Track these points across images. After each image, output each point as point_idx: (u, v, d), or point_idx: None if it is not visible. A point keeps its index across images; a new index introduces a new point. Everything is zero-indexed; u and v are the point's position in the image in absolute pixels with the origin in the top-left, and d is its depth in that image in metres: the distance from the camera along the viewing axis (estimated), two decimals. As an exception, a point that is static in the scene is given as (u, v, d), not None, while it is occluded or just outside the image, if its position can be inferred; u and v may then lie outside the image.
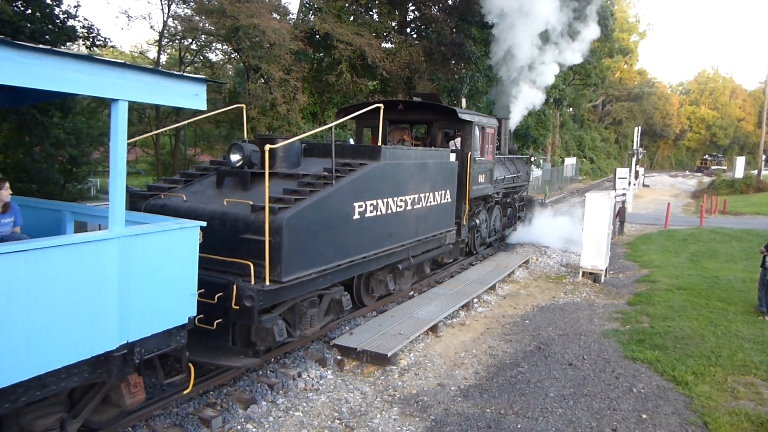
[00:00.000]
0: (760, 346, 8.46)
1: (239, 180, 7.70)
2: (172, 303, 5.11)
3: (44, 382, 4.17)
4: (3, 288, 3.77)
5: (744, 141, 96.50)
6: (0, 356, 3.82)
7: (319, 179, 7.51)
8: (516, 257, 14.78)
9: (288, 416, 6.23)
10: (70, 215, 6.09)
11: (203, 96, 5.05)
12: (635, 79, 78.45)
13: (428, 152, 10.22)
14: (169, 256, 5.02)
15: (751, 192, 40.54)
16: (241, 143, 7.88)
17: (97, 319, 4.44)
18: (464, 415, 6.36)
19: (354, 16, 23.63)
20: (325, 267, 7.32)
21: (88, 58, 4.12)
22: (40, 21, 13.97)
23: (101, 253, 4.39)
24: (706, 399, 6.76)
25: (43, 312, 4.07)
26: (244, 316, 6.37)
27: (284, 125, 18.58)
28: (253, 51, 18.72)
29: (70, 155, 15.68)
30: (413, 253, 9.83)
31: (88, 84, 4.14)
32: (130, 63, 4.57)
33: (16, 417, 4.42)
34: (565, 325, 9.69)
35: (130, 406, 5.15)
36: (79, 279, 4.27)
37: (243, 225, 6.68)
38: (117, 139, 4.49)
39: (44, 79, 3.86)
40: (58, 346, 4.19)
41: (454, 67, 25.68)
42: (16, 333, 3.90)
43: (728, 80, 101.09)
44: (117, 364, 4.67)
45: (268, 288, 6.35)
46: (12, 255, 3.82)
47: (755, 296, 10.52)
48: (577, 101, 50.09)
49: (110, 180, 4.54)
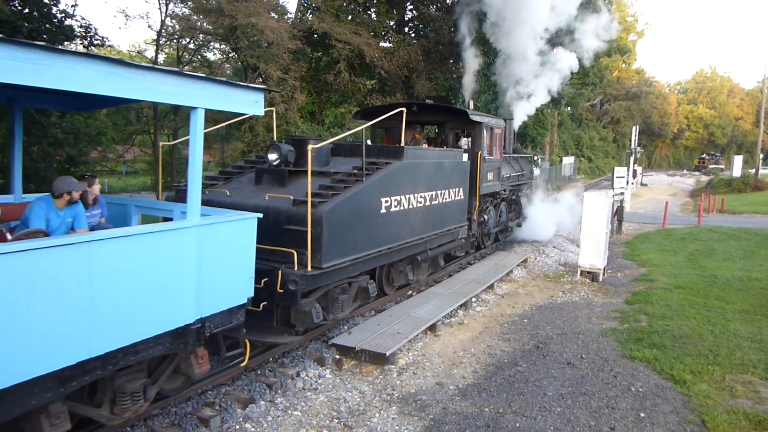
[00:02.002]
0: (758, 344, 8.47)
1: (276, 177, 8.46)
2: (234, 284, 5.84)
3: (137, 349, 4.84)
4: (112, 266, 4.48)
5: (742, 140, 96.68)
6: (106, 325, 4.48)
7: (350, 176, 8.28)
8: (514, 256, 14.79)
9: (286, 416, 6.23)
10: (134, 209, 6.93)
11: (261, 103, 5.77)
12: (633, 78, 78.50)
13: (444, 152, 11.03)
14: (233, 242, 5.75)
15: (748, 191, 40.59)
16: (278, 144, 8.59)
17: (180, 296, 5.16)
18: (463, 414, 6.37)
19: (352, 16, 23.62)
20: (356, 256, 8.09)
21: (177, 73, 4.84)
22: (38, 20, 13.93)
23: (183, 239, 5.09)
24: (704, 398, 6.76)
25: (141, 288, 4.75)
26: (288, 299, 7.12)
27: (282, 124, 18.56)
28: (251, 50, 18.70)
29: (68, 154, 15.66)
30: (430, 246, 10.56)
31: (175, 94, 4.86)
32: (208, 76, 5.23)
33: (111, 380, 5.03)
34: (563, 324, 9.70)
35: (198, 375, 5.83)
36: (167, 260, 4.97)
37: (285, 217, 7.46)
38: (196, 141, 5.22)
39: (146, 91, 4.58)
40: (151, 318, 4.89)
41: (452, 66, 25.69)
42: (119, 305, 4.57)
43: (726, 79, 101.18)
44: (192, 337, 5.37)
45: (309, 273, 7.16)
46: (119, 239, 4.54)
47: (753, 295, 10.55)
48: (575, 100, 50.14)
49: (189, 177, 5.23)
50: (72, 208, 5.64)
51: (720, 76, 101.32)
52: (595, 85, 45.37)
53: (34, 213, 5.33)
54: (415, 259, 10.34)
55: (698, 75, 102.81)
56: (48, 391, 4.19)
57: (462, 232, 11.98)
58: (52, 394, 4.23)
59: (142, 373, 5.36)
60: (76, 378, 4.41)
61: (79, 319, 4.29)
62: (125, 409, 5.13)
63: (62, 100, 6.40)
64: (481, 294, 11.30)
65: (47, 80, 3.79)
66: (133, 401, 5.20)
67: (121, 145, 27.38)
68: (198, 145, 5.22)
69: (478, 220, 13.33)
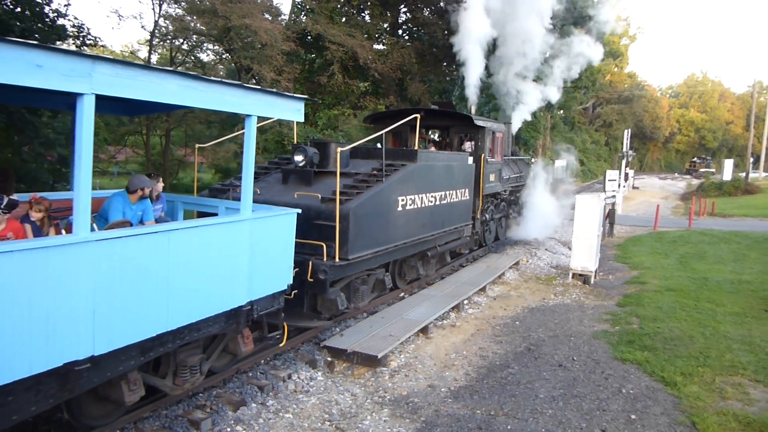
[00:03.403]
0: (748, 346, 8.52)
1: (302, 177, 9.21)
2: (277, 272, 6.56)
3: (199, 326, 5.50)
4: (185, 252, 5.14)
5: (732, 144, 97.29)
6: (179, 304, 5.14)
7: (371, 176, 9.12)
8: (506, 258, 14.82)
9: (278, 418, 6.21)
10: (180, 205, 7.77)
11: (302, 110, 6.45)
12: (625, 82, 78.84)
13: (453, 155, 11.87)
14: (278, 234, 6.49)
15: (739, 194, 40.88)
16: (305, 147, 9.28)
17: (236, 280, 5.84)
18: (454, 417, 6.37)
19: (346, 18, 23.62)
20: (376, 249, 8.89)
21: (238, 86, 5.47)
22: (30, 19, 13.87)
23: (239, 230, 5.82)
24: (695, 399, 6.79)
25: (206, 271, 5.43)
26: (318, 287, 7.92)
27: (275, 126, 18.52)
28: (245, 51, 18.67)
29: (59, 155, 15.56)
30: (439, 243, 11.37)
31: (235, 104, 5.50)
32: (261, 88, 5.86)
33: (174, 355, 5.67)
34: (555, 327, 9.73)
35: (245, 353, 6.62)
36: (227, 248, 5.68)
37: (314, 213, 8.10)
38: (249, 146, 5.89)
39: (213, 102, 5.23)
40: (212, 298, 5.58)
41: (445, 69, 25.73)
42: (188, 286, 5.24)
43: (717, 84, 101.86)
44: (243, 317, 6.03)
45: (337, 264, 7.94)
46: (191, 230, 5.24)
47: (744, 297, 10.60)
48: (567, 104, 50.25)
49: (243, 178, 5.95)
50: (142, 203, 6.36)
51: (711, 80, 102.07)
52: (587, 89, 45.56)
53: (113, 207, 5.90)
54: (426, 254, 11.06)
55: (690, 79, 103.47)
56: (132, 359, 4.83)
57: (467, 231, 12.74)
58: (135, 362, 4.88)
59: (199, 349, 5.98)
60: (154, 349, 5.05)
61: (159, 297, 4.97)
62: (185, 380, 5.79)
63: (115, 106, 6.83)
64: (474, 296, 11.31)
65: (142, 93, 4.50)
66: (191, 374, 5.84)
67: (113, 145, 27.24)
68: (251, 149, 5.90)
69: (480, 219, 13.94)
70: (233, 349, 6.55)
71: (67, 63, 3.93)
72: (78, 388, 4.40)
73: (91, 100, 4.13)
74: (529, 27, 18.44)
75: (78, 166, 4.18)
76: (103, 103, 4.47)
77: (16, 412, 3.99)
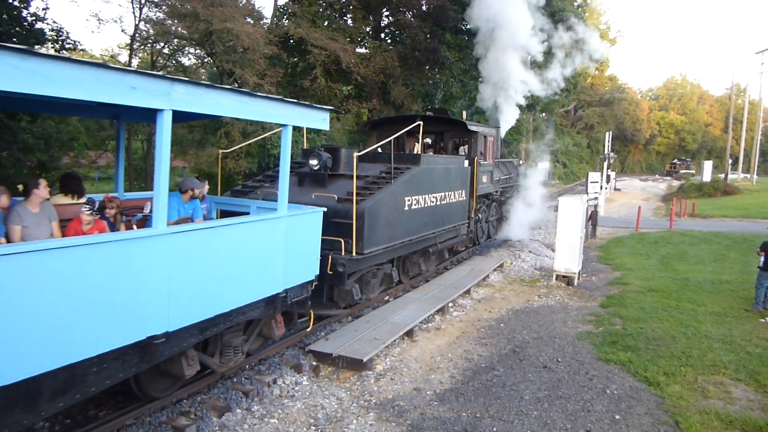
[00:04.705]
0: (728, 346, 8.63)
1: (317, 179, 10.07)
2: (307, 264, 7.41)
3: (244, 310, 6.25)
4: (234, 244, 5.92)
5: (711, 146, 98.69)
6: (229, 289, 5.92)
7: (381, 179, 10.02)
8: (491, 261, 14.88)
9: (263, 423, 6.16)
10: (214, 205, 8.54)
11: (327, 119, 7.26)
12: (606, 85, 79.75)
13: (451, 159, 12.85)
14: (307, 230, 7.34)
15: (718, 195, 41.43)
16: (319, 152, 10.07)
17: (274, 269, 6.66)
18: (440, 420, 6.37)
19: (328, 21, 23.57)
20: (387, 245, 9.77)
21: (280, 100, 6.32)
22: (8, 23, 13.68)
23: (277, 226, 6.63)
24: (678, 399, 6.86)
25: (250, 261, 6.20)
26: (336, 279, 8.71)
27: (258, 129, 18.43)
28: (227, 55, 18.54)
29: (38, 160, 15.34)
30: (439, 240, 12.22)
31: (276, 115, 6.32)
32: (295, 101, 6.63)
33: (220, 336, 6.48)
34: (539, 328, 9.77)
35: (278, 336, 7.45)
36: (268, 241, 6.49)
37: (332, 212, 8.64)
38: (285, 153, 6.69)
39: (259, 114, 6.07)
40: (255, 286, 6.38)
41: (428, 72, 25.78)
42: (237, 274, 6.00)
43: (696, 86, 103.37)
44: (279, 303, 6.85)
45: (354, 258, 8.80)
46: (239, 225, 6.05)
47: (724, 297, 10.73)
48: (550, 106, 50.66)
49: (280, 181, 6.79)
50: (193, 202, 7.10)
51: (690, 83, 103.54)
52: (569, 92, 45.94)
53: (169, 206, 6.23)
54: (427, 251, 11.97)
55: (669, 82, 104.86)
56: (193, 336, 5.56)
57: (463, 229, 13.64)
58: (195, 339, 5.59)
59: (240, 332, 6.82)
60: (209, 329, 5.76)
61: (215, 283, 5.70)
62: (229, 359, 6.66)
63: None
64: (458, 299, 11.33)
65: (206, 107, 5.26)
66: (234, 353, 6.70)
67: (93, 150, 26.89)
68: (287, 155, 6.69)
69: (474, 218, 14.66)
70: (267, 332, 7.38)
71: (154, 84, 4.68)
72: (154, 359, 5.12)
73: (169, 114, 4.89)
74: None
75: (158, 171, 4.90)
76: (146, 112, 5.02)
77: (108, 378, 4.69)
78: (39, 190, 5.56)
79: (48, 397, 4.21)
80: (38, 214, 5.55)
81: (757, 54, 56.19)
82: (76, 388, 4.43)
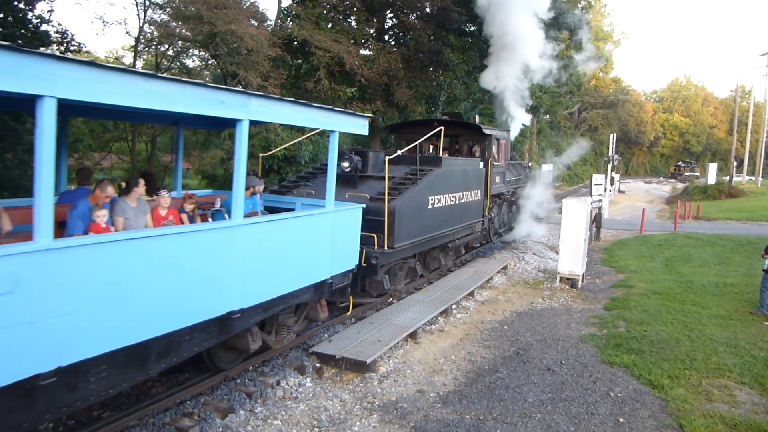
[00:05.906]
0: (733, 349, 8.60)
1: (349, 180, 10.79)
2: (349, 254, 8.34)
3: (297, 293, 7.18)
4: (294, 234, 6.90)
5: (716, 148, 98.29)
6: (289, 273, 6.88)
7: (407, 179, 10.91)
8: (494, 263, 14.86)
9: (266, 425, 6.17)
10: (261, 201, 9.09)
11: (366, 125, 8.21)
12: (610, 87, 79.47)
13: (467, 161, 13.74)
14: (349, 224, 8.25)
15: (723, 198, 41.25)
16: (350, 155, 10.90)
17: (322, 258, 7.57)
18: (444, 422, 6.36)
19: (332, 23, 23.55)
20: (413, 240, 10.63)
21: (328, 109, 7.16)
22: (13, 25, 13.73)
23: (325, 220, 7.59)
24: (682, 402, 6.84)
25: (304, 249, 7.14)
26: (370, 271, 9.60)
27: (261, 131, 18.45)
28: (231, 57, 18.57)
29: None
30: (457, 236, 13.10)
31: (325, 122, 7.21)
32: (342, 110, 7.56)
33: (276, 316, 7.44)
34: (543, 331, 9.75)
35: (322, 318, 8.48)
36: (318, 233, 7.42)
37: (365, 210, 9.00)
38: (333, 156, 7.57)
39: (312, 121, 6.99)
40: (307, 271, 7.30)
41: (432, 74, 25.74)
42: (295, 260, 6.98)
43: (700, 88, 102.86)
44: (325, 289, 7.77)
45: (386, 251, 9.67)
46: (298, 219, 7.03)
47: (728, 300, 10.69)
48: (553, 108, 50.63)
49: (327, 181, 7.64)
50: (253, 198, 7.91)
51: (695, 85, 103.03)
52: (573, 93, 45.89)
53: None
54: (447, 246, 12.83)
55: (673, 84, 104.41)
56: (259, 314, 6.43)
57: (478, 227, 14.47)
58: (260, 317, 6.48)
59: (292, 313, 7.73)
60: (270, 309, 6.63)
61: (278, 267, 6.62)
62: (283, 337, 7.61)
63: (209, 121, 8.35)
64: (462, 301, 11.33)
65: (272, 117, 6.26)
66: (287, 332, 7.63)
67: (98, 152, 26.99)
68: (334, 158, 7.59)
69: (488, 216, 15.49)
70: (314, 315, 8.28)
71: (236, 99, 5.45)
72: (230, 332, 5.97)
73: (246, 124, 5.66)
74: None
75: (237, 173, 5.69)
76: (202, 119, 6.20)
77: (196, 345, 5.52)
78: (138, 188, 6.30)
79: (154, 359, 5.05)
80: (136, 207, 6.28)
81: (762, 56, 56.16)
82: (174, 352, 5.27)
